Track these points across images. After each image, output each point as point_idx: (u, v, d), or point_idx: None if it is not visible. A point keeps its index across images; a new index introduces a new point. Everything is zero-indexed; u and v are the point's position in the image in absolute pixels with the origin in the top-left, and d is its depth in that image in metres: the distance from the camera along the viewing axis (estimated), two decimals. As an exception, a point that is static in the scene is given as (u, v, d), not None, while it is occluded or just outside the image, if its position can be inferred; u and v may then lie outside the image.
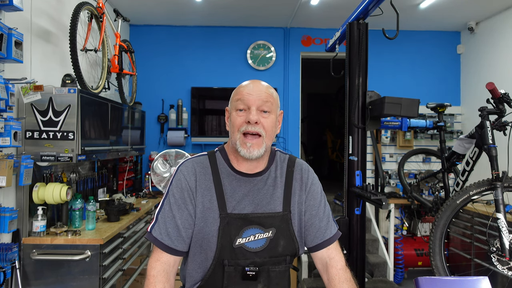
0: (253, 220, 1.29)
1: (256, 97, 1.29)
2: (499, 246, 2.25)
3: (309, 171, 1.44)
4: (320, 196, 1.43)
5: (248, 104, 1.29)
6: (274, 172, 1.38)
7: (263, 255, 1.30)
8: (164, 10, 4.72)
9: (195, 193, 1.31)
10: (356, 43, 2.76)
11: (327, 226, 1.40)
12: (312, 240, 1.39)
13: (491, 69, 4.76)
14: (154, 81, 5.18)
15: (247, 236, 1.29)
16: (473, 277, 1.14)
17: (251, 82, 1.35)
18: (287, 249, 1.33)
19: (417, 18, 4.82)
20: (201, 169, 1.34)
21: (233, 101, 1.33)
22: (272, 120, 1.32)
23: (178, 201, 1.31)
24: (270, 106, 1.31)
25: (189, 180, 1.32)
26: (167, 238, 1.29)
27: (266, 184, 1.35)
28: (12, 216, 2.39)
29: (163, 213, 1.32)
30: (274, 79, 5.26)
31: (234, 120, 1.30)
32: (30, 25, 2.77)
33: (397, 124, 3.38)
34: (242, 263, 1.28)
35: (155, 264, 1.29)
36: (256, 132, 1.27)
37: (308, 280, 4.02)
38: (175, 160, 4.46)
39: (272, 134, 1.33)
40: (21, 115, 2.60)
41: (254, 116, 1.27)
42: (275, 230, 1.31)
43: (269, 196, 1.33)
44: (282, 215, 1.33)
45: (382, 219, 4.99)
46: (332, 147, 8.50)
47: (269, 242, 1.30)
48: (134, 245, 3.36)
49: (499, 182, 2.34)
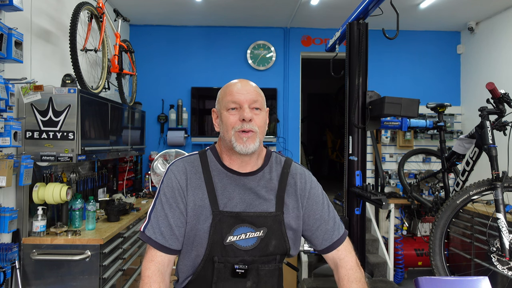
0: (245, 218, 1.30)
1: (248, 96, 1.31)
2: (499, 246, 2.25)
3: (305, 176, 1.43)
4: (322, 198, 1.43)
5: (240, 103, 1.30)
6: (269, 173, 1.38)
7: (253, 253, 1.31)
8: (164, 10, 4.72)
9: (185, 192, 1.32)
10: (356, 43, 2.76)
11: (334, 228, 1.40)
12: (321, 243, 1.40)
13: (491, 69, 4.76)
14: (154, 81, 5.18)
15: (238, 234, 1.30)
16: (473, 277, 1.15)
17: (239, 82, 1.36)
18: (278, 249, 1.34)
19: (417, 18, 4.82)
20: (191, 168, 1.35)
21: (223, 101, 1.34)
22: (263, 117, 1.35)
23: (170, 200, 1.31)
24: (260, 104, 1.33)
25: (180, 179, 1.33)
26: (161, 237, 1.29)
27: (259, 185, 1.35)
28: (12, 216, 2.39)
29: (155, 213, 1.32)
30: (274, 79, 5.27)
31: (227, 120, 1.31)
32: (30, 25, 2.77)
33: (397, 124, 3.38)
34: (232, 260, 1.29)
35: (149, 264, 1.29)
36: (251, 129, 1.29)
37: (308, 280, 4.02)
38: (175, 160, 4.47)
39: (264, 130, 1.36)
40: (21, 115, 2.60)
41: (248, 114, 1.29)
42: (266, 230, 1.32)
43: (262, 197, 1.34)
44: (274, 215, 1.33)
45: (382, 219, 4.99)
46: (332, 147, 8.50)
47: (260, 241, 1.31)
48: (134, 245, 3.36)
49: (499, 182, 2.34)
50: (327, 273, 3.62)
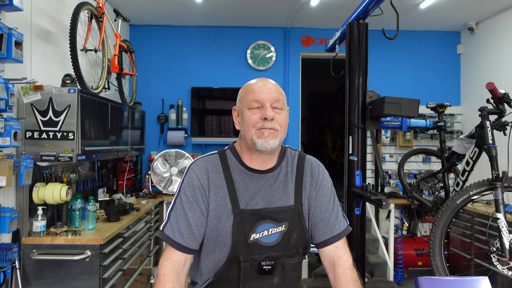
0: (265, 215, 1.32)
1: (270, 95, 1.33)
2: (499, 246, 2.25)
3: (319, 166, 1.46)
4: (331, 191, 1.45)
5: (262, 102, 1.32)
6: (286, 168, 1.41)
7: (277, 249, 1.32)
8: (164, 10, 4.72)
9: (207, 191, 1.32)
10: (356, 43, 2.76)
11: (336, 222, 1.41)
12: (321, 235, 1.40)
13: (491, 69, 4.76)
14: (154, 81, 5.18)
15: (261, 231, 1.31)
16: (473, 277, 1.15)
17: (260, 80, 1.39)
18: (300, 242, 1.36)
19: (417, 18, 4.82)
20: (212, 167, 1.36)
21: (245, 100, 1.35)
22: (285, 116, 1.37)
23: (190, 199, 1.32)
24: (282, 103, 1.35)
25: (201, 179, 1.33)
26: (179, 236, 1.30)
27: (277, 180, 1.37)
28: (12, 216, 2.39)
29: (175, 212, 1.33)
30: (274, 79, 5.06)
31: (249, 118, 1.32)
32: (30, 25, 2.77)
33: (397, 124, 3.38)
34: (258, 258, 1.31)
35: (165, 262, 1.29)
36: (272, 127, 1.30)
37: (308, 280, 4.02)
38: (175, 160, 4.46)
39: (285, 129, 1.37)
40: (21, 115, 2.60)
41: (270, 113, 1.30)
42: (288, 224, 1.33)
43: (281, 191, 1.36)
44: (294, 208, 1.35)
45: (382, 219, 4.99)
46: (332, 147, 8.51)
47: (282, 236, 1.33)
48: (134, 245, 3.36)
49: (499, 182, 2.34)
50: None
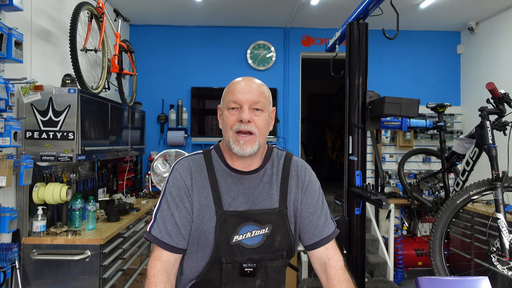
0: (249, 217, 1.30)
1: (248, 96, 1.28)
2: (499, 246, 2.25)
3: (306, 168, 1.42)
4: (318, 194, 1.42)
5: (240, 103, 1.28)
6: (271, 169, 1.38)
7: (260, 251, 1.31)
8: (164, 10, 4.72)
9: (191, 191, 1.31)
10: (356, 43, 2.76)
11: (325, 224, 1.39)
12: (310, 238, 1.38)
13: (491, 69, 4.76)
14: (154, 81, 5.18)
15: (244, 233, 1.29)
16: (473, 277, 1.14)
17: (243, 80, 1.34)
18: (284, 245, 1.34)
19: (417, 18, 4.82)
20: (196, 167, 1.35)
21: (225, 100, 1.32)
22: (265, 118, 1.31)
23: (176, 199, 1.31)
24: (262, 105, 1.30)
25: (185, 178, 1.32)
26: (167, 236, 1.29)
27: (262, 181, 1.35)
28: (12, 216, 2.39)
29: (161, 212, 1.32)
30: (274, 79, 5.26)
31: (227, 119, 1.30)
32: (30, 25, 2.77)
33: (397, 124, 3.38)
34: (240, 260, 1.29)
35: (155, 263, 1.28)
36: (249, 130, 1.27)
37: (308, 280, 4.02)
38: (175, 160, 4.47)
39: (265, 132, 1.33)
40: (21, 115, 2.60)
41: (247, 115, 1.26)
42: (271, 226, 1.31)
43: (265, 193, 1.33)
44: (278, 210, 1.33)
45: (382, 219, 4.99)
46: (332, 147, 8.51)
47: (265, 238, 1.31)
48: (134, 245, 3.36)
49: (499, 182, 2.34)
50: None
